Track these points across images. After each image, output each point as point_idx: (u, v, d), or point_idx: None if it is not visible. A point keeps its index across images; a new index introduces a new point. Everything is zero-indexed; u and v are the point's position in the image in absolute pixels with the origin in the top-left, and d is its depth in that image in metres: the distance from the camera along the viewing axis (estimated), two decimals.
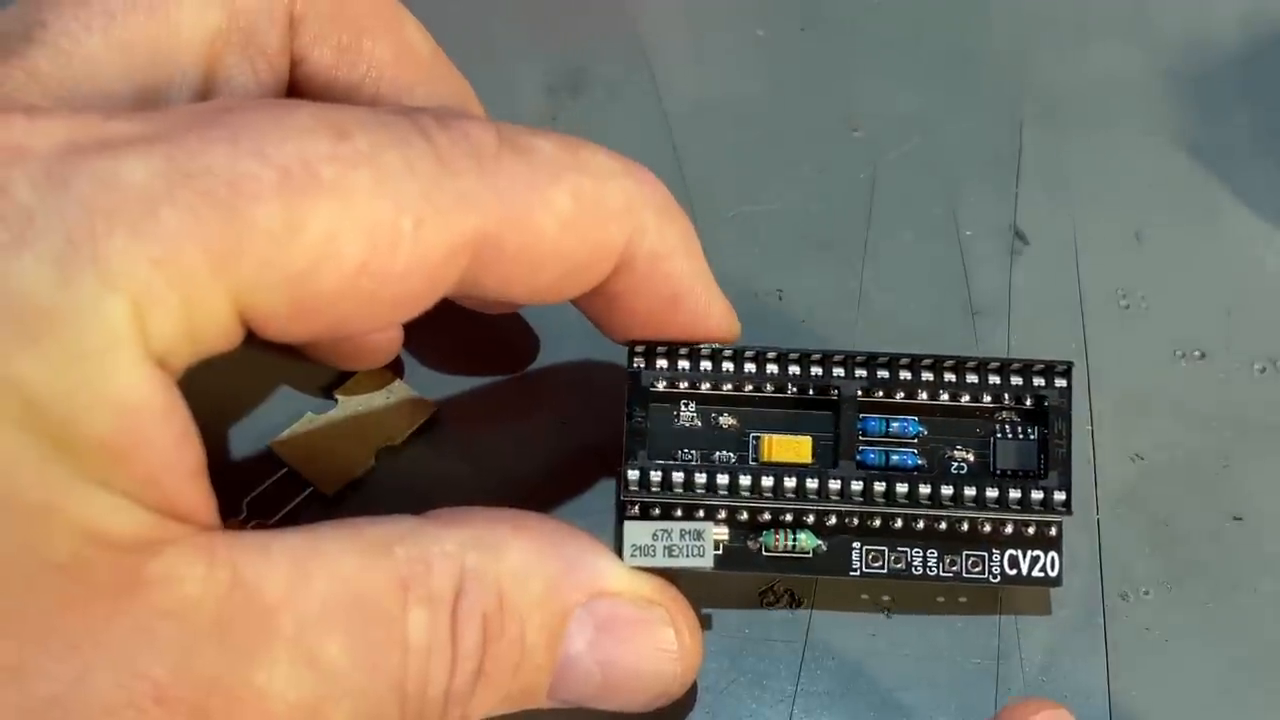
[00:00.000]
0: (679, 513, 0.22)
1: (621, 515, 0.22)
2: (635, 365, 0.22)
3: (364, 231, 0.17)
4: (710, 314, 0.22)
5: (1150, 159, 0.30)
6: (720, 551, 0.22)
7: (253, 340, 0.17)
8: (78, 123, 0.16)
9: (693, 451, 0.22)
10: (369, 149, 0.17)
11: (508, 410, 0.26)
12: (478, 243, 0.18)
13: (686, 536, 0.21)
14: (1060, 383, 0.22)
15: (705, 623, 0.23)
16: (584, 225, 0.19)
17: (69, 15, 0.19)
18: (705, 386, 0.22)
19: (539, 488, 0.25)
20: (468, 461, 0.25)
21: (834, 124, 0.30)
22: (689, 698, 0.23)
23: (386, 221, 0.17)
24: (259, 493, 0.24)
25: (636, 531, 0.21)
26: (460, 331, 0.26)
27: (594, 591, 0.19)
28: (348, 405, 0.25)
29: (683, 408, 0.22)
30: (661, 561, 0.20)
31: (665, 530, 0.21)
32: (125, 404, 0.15)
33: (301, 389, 0.25)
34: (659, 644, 0.20)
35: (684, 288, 0.21)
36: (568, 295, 0.20)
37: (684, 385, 0.22)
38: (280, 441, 0.24)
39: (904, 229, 0.28)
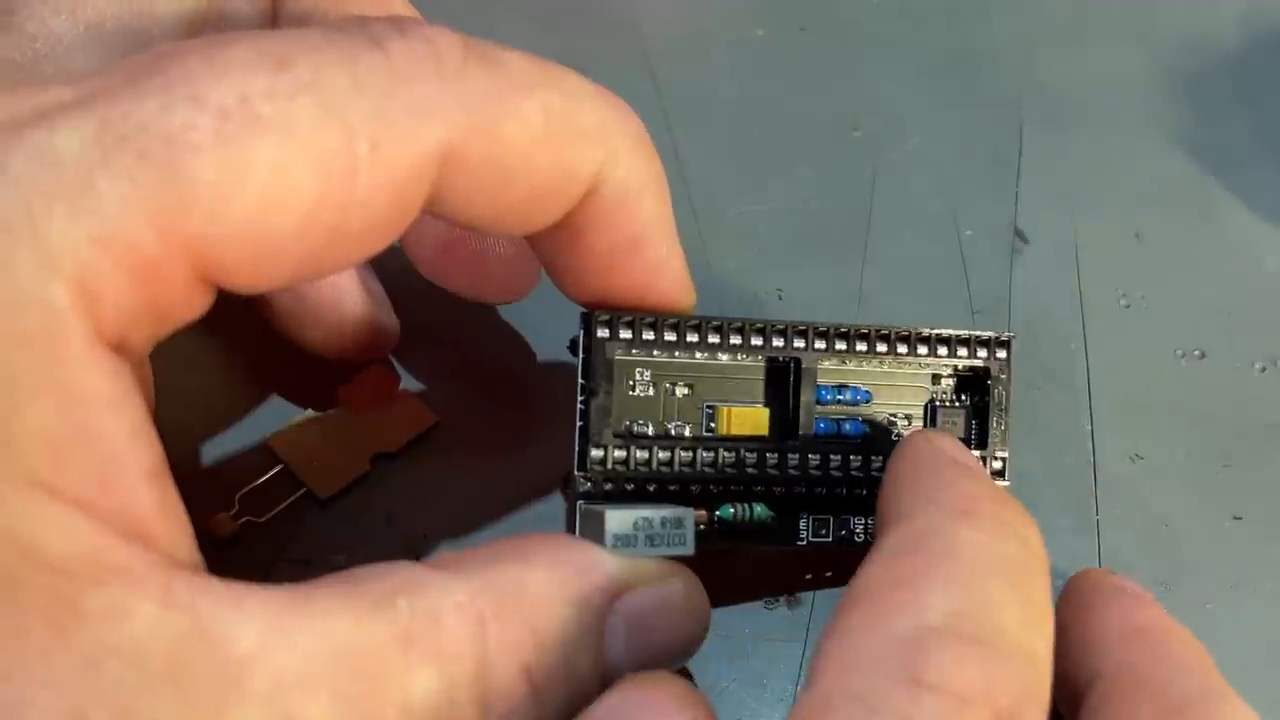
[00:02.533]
0: (630, 486, 0.21)
1: (576, 492, 0.21)
2: (597, 335, 0.21)
3: (315, 163, 0.16)
4: (669, 267, 0.21)
5: (1150, 159, 0.30)
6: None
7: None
8: (15, 97, 0.15)
9: (647, 422, 0.22)
10: (311, 74, 0.16)
11: (505, 421, 0.25)
12: (443, 155, 0.17)
13: (668, 524, 0.20)
14: (1000, 354, 0.23)
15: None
16: (555, 143, 0.18)
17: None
18: (659, 355, 0.21)
19: (533, 498, 0.25)
20: (463, 471, 0.25)
21: (834, 124, 0.30)
22: None
23: (337, 149, 0.16)
24: (252, 488, 0.24)
25: (617, 522, 0.20)
26: (463, 343, 0.26)
27: (614, 593, 0.19)
28: (348, 408, 0.25)
29: (638, 377, 0.22)
30: (643, 550, 0.20)
31: (646, 519, 0.20)
32: (70, 391, 0.15)
33: (304, 391, 0.25)
34: (683, 615, 0.20)
35: (648, 232, 0.20)
36: (535, 223, 0.19)
37: (638, 353, 0.21)
38: (278, 436, 0.24)
39: (904, 229, 0.28)
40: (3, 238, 0.14)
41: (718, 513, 0.22)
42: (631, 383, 0.22)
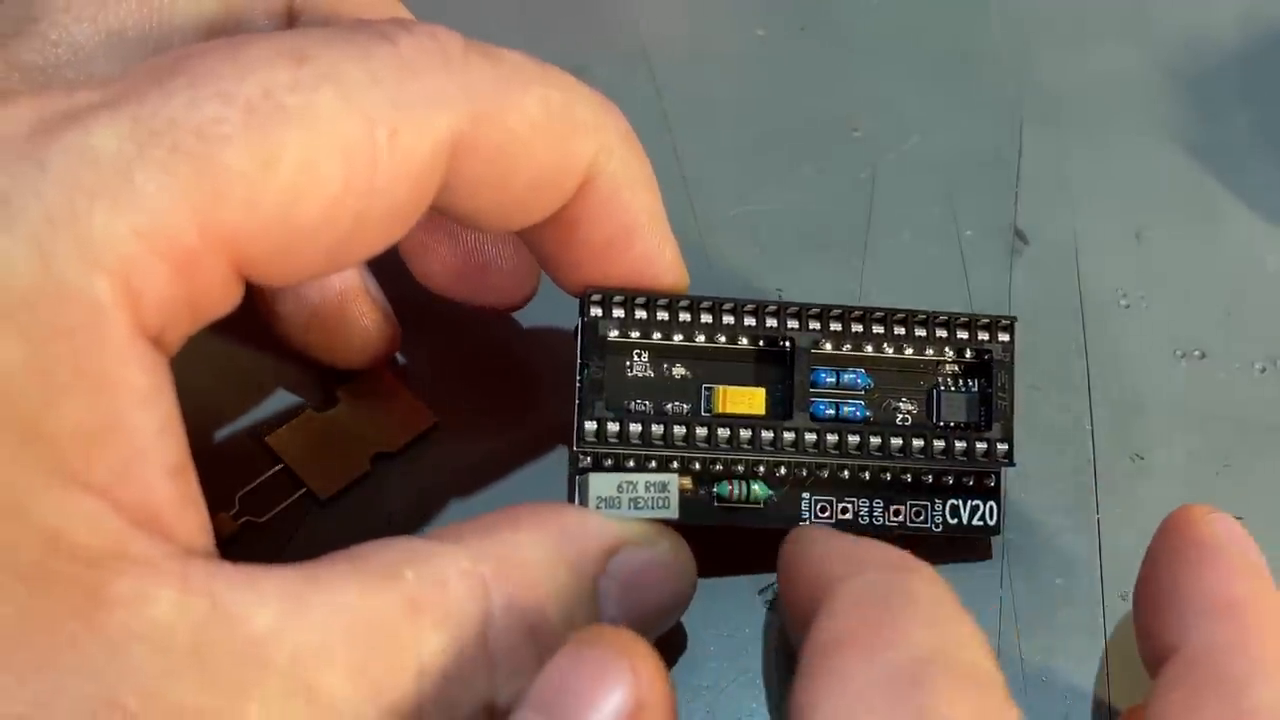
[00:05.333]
0: (631, 464, 0.22)
1: (575, 468, 0.22)
2: (592, 314, 0.22)
3: (339, 151, 0.16)
4: (662, 256, 0.21)
5: (1150, 159, 0.30)
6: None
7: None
8: (43, 100, 0.16)
9: (645, 402, 0.22)
10: (329, 68, 0.16)
11: (505, 421, 0.25)
12: (454, 143, 0.17)
13: (651, 488, 0.21)
14: (1003, 337, 0.23)
15: (705, 621, 0.23)
16: (554, 133, 0.19)
17: (59, 6, 0.19)
18: (657, 336, 0.22)
19: (534, 497, 0.24)
20: (463, 471, 0.25)
21: (834, 124, 0.30)
22: (689, 697, 0.23)
23: (359, 137, 0.16)
24: (252, 488, 0.24)
25: (601, 484, 0.21)
26: (462, 343, 0.26)
27: (605, 553, 0.19)
28: (348, 406, 0.25)
29: (635, 357, 0.22)
30: (626, 513, 0.21)
31: (630, 482, 0.21)
32: (105, 385, 0.15)
33: (304, 391, 0.25)
34: (671, 573, 0.20)
35: (640, 222, 0.21)
36: (535, 215, 0.20)
37: (636, 334, 0.22)
38: (277, 435, 0.24)
39: (904, 229, 0.28)
40: (46, 232, 0.15)
41: (715, 489, 0.22)
42: (629, 363, 0.22)
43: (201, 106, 0.15)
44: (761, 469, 0.22)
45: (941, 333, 0.23)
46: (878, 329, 0.22)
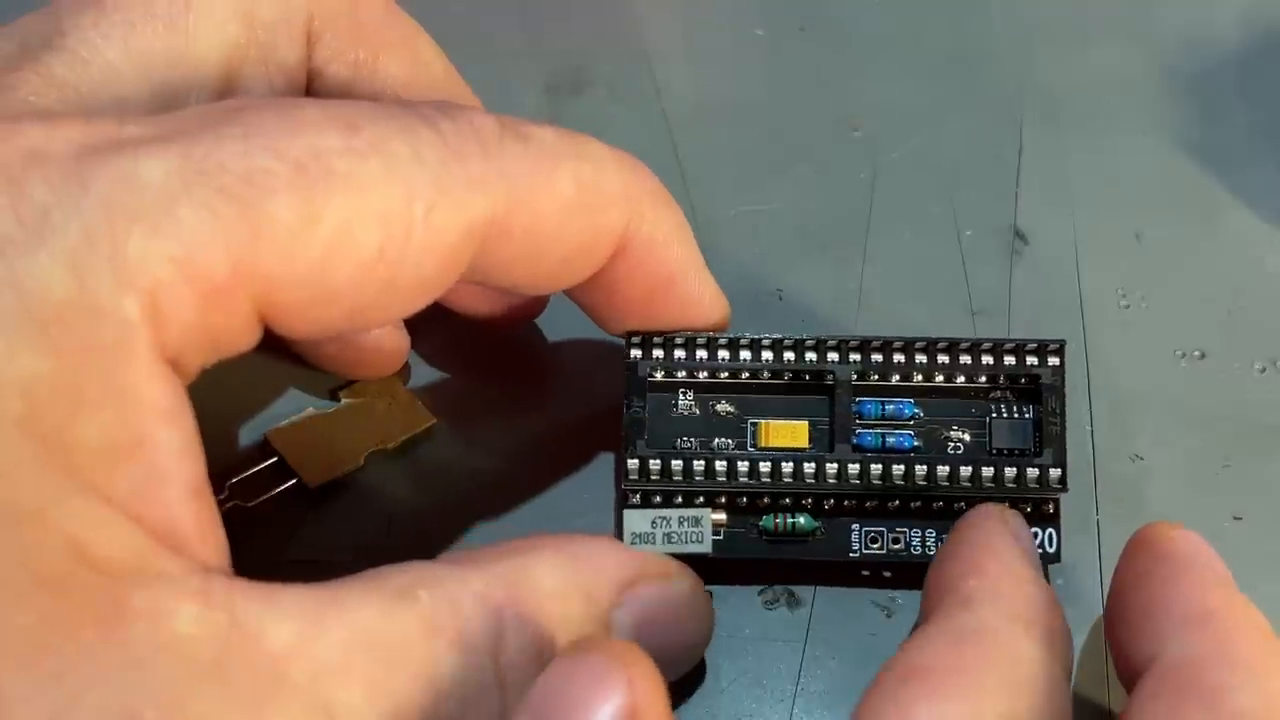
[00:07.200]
0: (679, 499, 0.22)
1: (622, 505, 0.22)
2: (632, 356, 0.22)
3: (378, 220, 0.17)
4: (702, 299, 0.22)
5: (1150, 159, 0.30)
6: (720, 536, 0.22)
7: (266, 344, 0.18)
8: (93, 126, 0.16)
9: (691, 439, 0.23)
10: (378, 140, 0.17)
11: (505, 421, 0.25)
12: (487, 224, 0.18)
13: (685, 523, 0.21)
14: (1053, 361, 0.22)
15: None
16: (586, 209, 0.19)
17: (88, 24, 0.19)
18: (702, 375, 0.23)
19: (532, 498, 0.25)
20: (463, 471, 0.25)
21: (834, 124, 0.30)
22: (689, 698, 0.23)
23: (399, 209, 0.17)
24: (244, 477, 0.24)
25: (636, 519, 0.21)
26: (463, 342, 0.26)
27: (622, 587, 0.20)
28: (349, 405, 0.25)
29: (680, 396, 0.23)
30: (661, 548, 0.21)
31: (664, 518, 0.21)
32: (131, 399, 0.15)
33: (308, 391, 0.25)
34: (687, 613, 0.21)
35: (678, 272, 0.21)
36: (568, 282, 0.21)
37: (681, 374, 0.23)
38: (277, 431, 0.24)
39: (904, 229, 0.28)
40: (83, 250, 0.15)
41: (760, 522, 0.22)
42: (675, 402, 0.23)
43: (254, 156, 0.16)
44: (808, 501, 0.22)
45: (988, 359, 0.22)
46: (921, 358, 0.22)
